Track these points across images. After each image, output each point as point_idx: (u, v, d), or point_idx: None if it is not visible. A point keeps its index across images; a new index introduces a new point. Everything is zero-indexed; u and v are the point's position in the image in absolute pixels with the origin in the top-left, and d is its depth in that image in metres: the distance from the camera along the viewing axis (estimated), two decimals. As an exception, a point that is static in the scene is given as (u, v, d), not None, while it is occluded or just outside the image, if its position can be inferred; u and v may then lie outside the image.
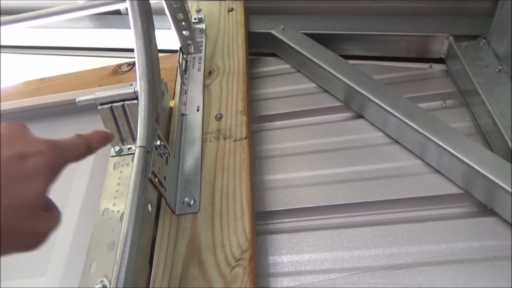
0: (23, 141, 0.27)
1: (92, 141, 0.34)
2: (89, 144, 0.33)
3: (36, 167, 0.26)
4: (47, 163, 0.27)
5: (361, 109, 0.61)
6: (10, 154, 0.26)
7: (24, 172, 0.26)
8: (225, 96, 0.59)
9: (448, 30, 0.64)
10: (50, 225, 0.29)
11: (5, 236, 0.25)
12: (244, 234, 0.44)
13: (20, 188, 0.25)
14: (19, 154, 0.26)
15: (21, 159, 0.26)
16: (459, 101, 0.61)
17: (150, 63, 0.46)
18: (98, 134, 0.35)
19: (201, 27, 0.69)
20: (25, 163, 0.26)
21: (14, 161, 0.25)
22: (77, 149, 0.31)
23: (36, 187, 0.26)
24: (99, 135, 0.35)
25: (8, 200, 0.24)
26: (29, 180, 0.26)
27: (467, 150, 0.49)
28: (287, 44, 0.68)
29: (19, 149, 0.26)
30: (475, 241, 0.48)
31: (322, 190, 0.55)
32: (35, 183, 0.26)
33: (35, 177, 0.26)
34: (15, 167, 0.25)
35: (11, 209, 0.25)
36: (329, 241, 0.50)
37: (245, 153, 0.51)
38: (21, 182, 0.25)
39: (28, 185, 0.26)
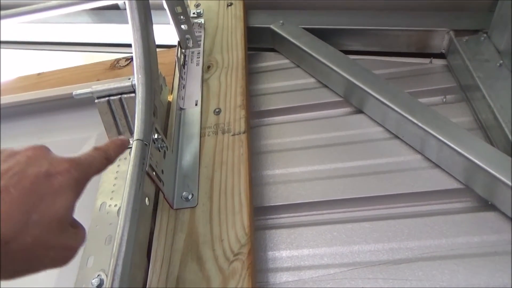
0: (48, 161, 0.28)
1: (109, 152, 0.35)
2: (107, 155, 0.34)
3: (62, 184, 0.28)
4: (72, 180, 0.29)
5: (360, 104, 0.61)
6: (37, 173, 0.27)
7: (52, 190, 0.27)
8: (224, 91, 0.58)
9: (448, 24, 0.64)
10: (78, 240, 0.30)
11: (38, 251, 0.26)
12: (243, 229, 0.44)
13: (49, 205, 0.27)
14: (45, 173, 0.28)
15: (47, 178, 0.27)
16: (459, 96, 0.61)
17: (147, 56, 0.46)
18: (114, 144, 0.37)
19: (200, 21, 0.69)
20: (52, 181, 0.28)
21: (41, 180, 0.27)
22: (97, 162, 0.33)
23: (63, 203, 0.28)
24: (115, 144, 0.37)
25: (38, 216, 0.26)
26: (57, 197, 0.27)
27: (467, 144, 0.49)
28: (286, 39, 0.68)
29: (45, 168, 0.28)
30: (475, 236, 0.47)
31: (321, 185, 0.54)
32: (62, 200, 0.28)
33: (62, 194, 0.28)
34: (43, 185, 0.27)
35: (41, 224, 0.26)
36: (329, 236, 0.50)
37: (243, 147, 0.51)
38: (49, 199, 0.27)
39: (55, 201, 0.27)
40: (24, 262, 0.26)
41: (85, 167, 0.31)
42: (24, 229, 0.25)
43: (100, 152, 0.34)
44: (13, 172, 0.27)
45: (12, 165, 0.27)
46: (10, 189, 0.26)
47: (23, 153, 0.29)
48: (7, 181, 0.26)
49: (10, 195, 0.25)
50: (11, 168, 0.27)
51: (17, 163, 0.27)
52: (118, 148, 0.37)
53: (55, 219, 0.27)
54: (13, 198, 0.25)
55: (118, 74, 0.66)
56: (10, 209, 0.25)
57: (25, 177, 0.27)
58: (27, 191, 0.26)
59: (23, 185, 0.26)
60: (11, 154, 0.29)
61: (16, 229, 0.25)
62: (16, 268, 0.26)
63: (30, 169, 0.27)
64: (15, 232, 0.25)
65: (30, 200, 0.26)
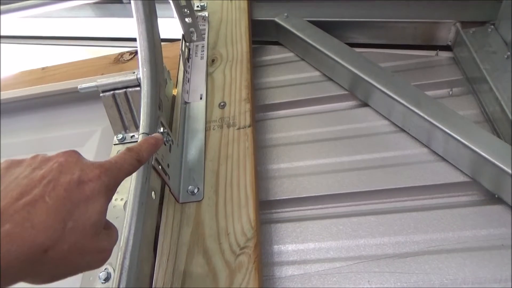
0: (79, 167, 0.29)
1: (141, 153, 0.35)
2: (139, 156, 0.34)
3: (93, 191, 0.28)
4: (103, 186, 0.29)
5: (366, 97, 0.61)
6: (70, 180, 0.28)
7: (84, 197, 0.28)
8: (229, 84, 0.58)
9: (455, 16, 0.63)
10: (112, 241, 0.31)
11: (74, 257, 0.27)
12: (249, 222, 0.44)
13: (82, 212, 0.27)
14: (77, 180, 0.28)
15: (80, 185, 0.28)
16: (466, 88, 0.60)
17: (152, 49, 0.46)
18: (147, 143, 0.36)
19: (204, 14, 0.68)
20: (84, 188, 0.28)
21: (74, 187, 0.27)
22: (128, 165, 0.33)
23: (96, 209, 0.28)
24: (148, 143, 0.36)
25: (73, 223, 0.26)
26: (89, 204, 0.28)
27: (474, 137, 0.48)
28: (291, 32, 0.67)
29: (77, 175, 0.28)
30: (482, 229, 0.47)
31: (326, 178, 0.54)
32: (95, 206, 0.28)
33: (94, 200, 0.28)
34: (76, 192, 0.27)
35: (77, 231, 0.27)
36: (334, 230, 0.50)
37: (249, 141, 0.51)
38: (83, 206, 0.27)
39: (88, 208, 0.28)
40: (62, 267, 0.27)
41: (115, 172, 0.31)
42: (61, 237, 0.26)
43: (132, 154, 0.34)
44: (47, 180, 0.27)
45: (46, 173, 0.27)
46: (45, 198, 0.26)
47: (55, 159, 0.29)
48: (42, 189, 0.26)
49: (46, 204, 0.26)
50: (45, 176, 0.27)
51: (50, 171, 0.28)
52: (151, 147, 0.36)
53: (89, 225, 0.28)
54: (49, 207, 0.26)
55: (122, 68, 0.65)
56: (47, 218, 0.25)
57: (59, 185, 0.27)
58: (61, 199, 0.26)
59: (57, 193, 0.27)
60: (44, 160, 0.29)
61: (53, 237, 0.25)
62: (54, 273, 0.27)
63: (63, 176, 0.28)
64: (53, 241, 0.25)
65: (65, 208, 0.26)
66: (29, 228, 0.24)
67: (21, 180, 0.27)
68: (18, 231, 0.24)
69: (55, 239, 0.25)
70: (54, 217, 0.26)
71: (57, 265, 0.26)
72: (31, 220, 0.25)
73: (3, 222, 0.24)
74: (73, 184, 0.27)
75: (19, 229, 0.24)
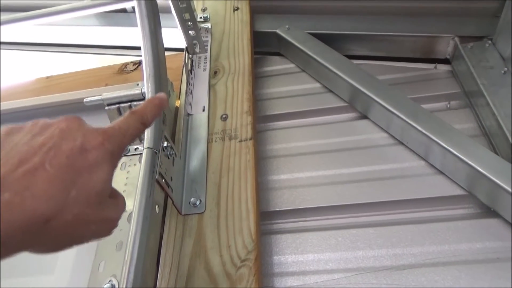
0: (81, 134, 0.27)
1: (146, 116, 0.33)
2: (143, 119, 0.33)
3: (97, 159, 0.27)
4: (107, 153, 0.28)
5: (365, 109, 0.62)
6: (72, 147, 0.26)
7: (87, 165, 0.26)
8: (231, 96, 0.59)
9: (453, 30, 0.64)
10: (118, 211, 0.30)
11: (79, 226, 0.26)
12: (250, 235, 0.45)
13: (86, 180, 0.26)
14: (80, 148, 0.27)
15: (82, 152, 0.26)
16: (463, 102, 0.62)
17: (157, 64, 0.47)
18: (152, 104, 0.34)
19: (207, 26, 0.70)
20: (87, 156, 0.27)
21: (76, 155, 0.26)
22: (132, 129, 0.31)
23: (100, 177, 0.27)
24: (153, 104, 0.34)
25: (76, 192, 0.25)
26: (93, 172, 0.27)
27: (470, 152, 0.49)
28: (292, 44, 0.69)
29: (79, 142, 0.27)
30: (478, 242, 0.48)
31: (326, 190, 0.55)
32: (99, 174, 0.27)
33: (98, 168, 0.27)
34: (78, 160, 0.26)
35: (80, 200, 0.25)
36: (333, 242, 0.51)
37: (250, 153, 0.52)
38: (86, 174, 0.26)
39: (92, 176, 0.26)
40: (66, 237, 0.26)
41: (120, 138, 0.30)
42: (64, 207, 0.25)
43: (136, 117, 0.32)
44: (48, 147, 0.26)
45: (47, 139, 0.26)
46: (46, 165, 0.25)
47: (56, 125, 0.27)
48: (43, 157, 0.25)
49: (46, 172, 0.24)
50: (45, 142, 0.26)
51: (51, 137, 0.26)
52: (156, 108, 0.34)
53: (94, 194, 0.26)
54: (50, 175, 0.24)
55: (126, 78, 0.67)
56: (48, 187, 0.24)
57: (61, 152, 0.26)
58: (63, 167, 0.25)
59: (59, 161, 0.25)
60: (45, 126, 0.27)
61: (55, 207, 0.24)
62: (58, 243, 0.26)
63: (65, 143, 0.26)
64: (55, 211, 0.24)
65: (67, 176, 0.25)
66: (30, 197, 0.23)
67: (20, 147, 0.25)
68: (17, 200, 0.23)
69: (58, 209, 0.24)
70: (56, 186, 0.25)
71: (61, 235, 0.25)
72: (31, 189, 0.24)
73: (2, 191, 0.23)
74: (75, 151, 0.26)
75: (18, 198, 0.23)
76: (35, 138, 0.26)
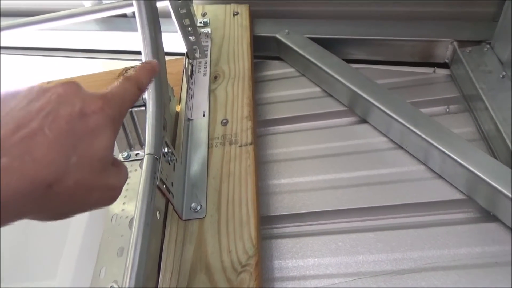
0: (80, 99, 0.27)
1: (141, 80, 0.33)
2: (139, 84, 0.32)
3: (98, 124, 0.27)
4: (107, 118, 0.27)
5: (365, 114, 0.62)
6: (71, 112, 0.26)
7: (88, 130, 0.26)
8: (231, 101, 0.59)
9: (452, 35, 0.65)
10: (121, 179, 0.29)
11: (82, 193, 0.26)
12: (250, 240, 0.45)
13: (87, 146, 0.26)
14: (79, 112, 0.26)
15: (82, 117, 0.26)
16: (462, 106, 0.62)
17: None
18: (144, 69, 0.34)
19: (207, 31, 0.70)
20: (87, 121, 0.26)
21: (76, 119, 0.26)
22: (130, 94, 0.31)
23: (102, 143, 0.27)
24: (146, 69, 0.34)
25: (77, 158, 0.25)
26: (94, 137, 0.26)
27: (469, 156, 0.50)
28: (291, 48, 0.69)
29: (78, 106, 0.26)
30: (477, 247, 0.48)
31: (326, 194, 0.56)
32: (101, 140, 0.26)
33: (99, 134, 0.26)
34: (78, 125, 0.26)
35: (82, 166, 0.25)
36: (333, 246, 0.51)
37: (250, 159, 0.52)
38: (87, 140, 0.26)
39: (93, 142, 0.26)
40: (69, 204, 0.26)
41: (119, 102, 0.29)
42: (66, 172, 0.24)
43: (132, 82, 0.32)
44: (46, 112, 0.25)
45: (44, 104, 0.25)
46: (45, 130, 0.24)
47: (53, 90, 0.27)
48: (41, 122, 0.24)
49: (45, 137, 0.24)
50: (43, 107, 0.25)
51: (48, 102, 0.25)
52: (149, 73, 0.34)
53: (96, 160, 0.26)
54: (50, 140, 0.24)
55: (127, 83, 0.67)
56: (48, 151, 0.24)
57: (59, 117, 0.25)
58: (63, 132, 0.25)
59: (58, 126, 0.25)
60: (41, 91, 0.26)
61: (57, 172, 0.24)
62: (61, 210, 0.26)
63: (63, 108, 0.25)
64: (56, 176, 0.24)
65: (68, 141, 0.25)
66: (30, 162, 0.23)
67: (17, 112, 0.25)
68: (17, 165, 0.22)
69: (59, 174, 0.24)
70: (56, 151, 0.24)
71: (63, 201, 0.25)
72: (30, 154, 0.23)
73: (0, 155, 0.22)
74: (75, 116, 0.26)
75: (18, 163, 0.22)
76: (32, 103, 0.25)
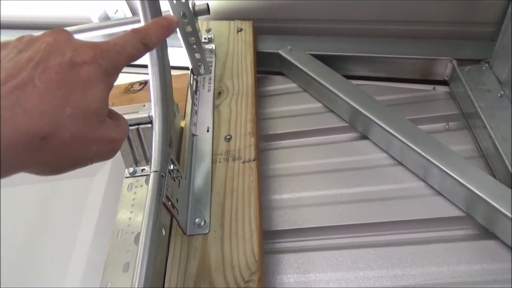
0: (70, 48, 0.26)
1: (149, 36, 0.31)
2: (146, 40, 0.30)
3: (89, 75, 0.26)
4: (99, 70, 0.26)
5: (365, 130, 0.63)
6: (61, 62, 0.25)
7: (80, 80, 0.25)
8: (234, 117, 0.61)
9: (451, 53, 0.66)
10: (120, 132, 0.29)
11: (79, 145, 0.25)
12: (253, 256, 0.46)
13: (80, 97, 0.25)
14: (69, 62, 0.25)
15: (73, 67, 0.25)
16: (461, 123, 0.63)
17: (164, 89, 0.48)
18: (157, 25, 0.32)
19: (211, 47, 0.71)
20: (78, 71, 0.25)
21: (67, 69, 0.25)
22: (131, 47, 0.29)
23: (96, 95, 0.26)
24: (159, 25, 0.32)
25: (71, 109, 0.24)
26: (87, 89, 0.25)
27: (468, 174, 0.51)
28: (294, 65, 0.70)
29: (68, 56, 0.25)
30: (476, 264, 0.49)
31: (327, 210, 0.56)
32: (94, 91, 0.26)
33: (92, 85, 0.26)
34: (69, 75, 0.25)
35: (77, 118, 0.25)
36: (334, 262, 0.52)
37: (253, 175, 0.53)
38: (80, 91, 0.25)
39: (87, 93, 0.25)
40: (67, 157, 0.25)
41: (113, 54, 0.28)
42: (60, 124, 0.24)
43: (137, 35, 0.30)
44: (35, 62, 0.24)
45: (33, 54, 0.24)
46: (35, 81, 0.23)
47: (41, 39, 0.26)
48: (31, 72, 0.23)
49: (36, 88, 0.23)
50: (32, 57, 0.24)
51: (37, 51, 0.25)
52: (162, 30, 0.32)
53: (90, 113, 0.25)
54: (41, 91, 0.23)
55: (132, 98, 0.68)
56: (40, 103, 0.23)
57: (49, 67, 0.24)
58: (54, 82, 0.24)
59: (48, 77, 0.24)
60: (30, 41, 0.26)
61: (51, 124, 0.23)
62: (60, 163, 0.26)
63: (53, 57, 0.25)
64: (51, 128, 0.23)
65: (59, 93, 0.24)
66: (21, 113, 0.22)
67: (6, 63, 0.24)
68: (8, 116, 0.22)
69: (54, 126, 0.23)
70: (48, 102, 0.23)
71: (60, 153, 0.25)
72: (22, 105, 0.22)
73: None
74: (65, 66, 0.25)
75: (8, 114, 0.22)
76: (21, 53, 0.25)
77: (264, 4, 0.75)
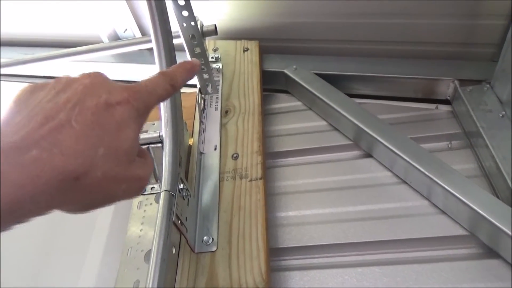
0: (105, 90, 0.27)
1: (176, 78, 0.33)
2: (173, 81, 0.32)
3: (123, 116, 0.27)
4: (133, 111, 0.27)
5: (369, 148, 0.64)
6: (96, 103, 0.26)
7: (114, 121, 0.26)
8: (241, 136, 0.62)
9: (453, 74, 0.67)
10: (147, 169, 0.30)
11: (109, 185, 0.26)
12: (260, 274, 0.47)
13: (114, 138, 0.26)
14: (105, 103, 0.26)
15: (107, 108, 0.26)
16: (464, 142, 0.64)
17: (174, 110, 0.50)
18: (182, 68, 0.34)
19: (218, 66, 0.73)
20: (112, 112, 0.26)
21: (102, 111, 0.26)
22: (160, 89, 0.31)
23: (127, 135, 0.27)
24: (183, 68, 0.34)
25: (104, 150, 0.25)
26: (120, 129, 0.26)
27: (471, 194, 0.52)
28: (299, 84, 0.72)
29: (104, 98, 0.26)
30: (480, 283, 0.50)
31: (332, 228, 0.57)
32: (126, 132, 0.27)
33: (125, 126, 0.27)
34: (104, 116, 0.26)
35: (109, 158, 0.25)
36: (340, 280, 0.52)
37: (260, 193, 0.54)
38: (113, 132, 0.26)
39: (120, 134, 0.26)
40: (97, 195, 0.26)
41: (145, 95, 0.29)
42: (93, 164, 0.24)
43: (166, 78, 0.32)
44: (72, 103, 0.25)
45: (71, 96, 0.25)
46: (72, 122, 0.24)
47: (80, 81, 0.27)
48: (68, 114, 0.24)
49: (73, 129, 0.24)
50: (70, 99, 0.25)
51: (75, 93, 0.26)
52: (186, 72, 0.34)
53: (122, 152, 0.26)
54: (77, 132, 0.24)
55: (141, 116, 0.70)
56: (75, 143, 0.24)
57: (85, 109, 0.25)
58: (89, 123, 0.25)
59: (84, 118, 0.25)
60: (68, 83, 0.27)
61: (85, 164, 0.24)
62: (90, 201, 0.26)
63: (89, 99, 0.26)
64: (85, 168, 0.24)
65: (94, 133, 0.25)
66: (58, 154, 0.23)
67: (45, 104, 0.25)
68: (46, 157, 0.23)
69: (87, 166, 0.24)
70: (83, 142, 0.24)
71: (92, 193, 0.25)
72: (59, 146, 0.23)
73: (29, 148, 0.23)
74: (100, 107, 0.26)
75: (46, 155, 0.23)
76: (59, 95, 0.26)
77: (270, 24, 0.77)
